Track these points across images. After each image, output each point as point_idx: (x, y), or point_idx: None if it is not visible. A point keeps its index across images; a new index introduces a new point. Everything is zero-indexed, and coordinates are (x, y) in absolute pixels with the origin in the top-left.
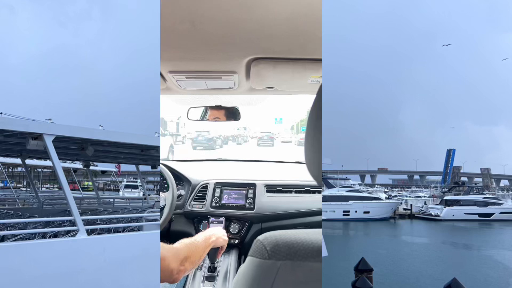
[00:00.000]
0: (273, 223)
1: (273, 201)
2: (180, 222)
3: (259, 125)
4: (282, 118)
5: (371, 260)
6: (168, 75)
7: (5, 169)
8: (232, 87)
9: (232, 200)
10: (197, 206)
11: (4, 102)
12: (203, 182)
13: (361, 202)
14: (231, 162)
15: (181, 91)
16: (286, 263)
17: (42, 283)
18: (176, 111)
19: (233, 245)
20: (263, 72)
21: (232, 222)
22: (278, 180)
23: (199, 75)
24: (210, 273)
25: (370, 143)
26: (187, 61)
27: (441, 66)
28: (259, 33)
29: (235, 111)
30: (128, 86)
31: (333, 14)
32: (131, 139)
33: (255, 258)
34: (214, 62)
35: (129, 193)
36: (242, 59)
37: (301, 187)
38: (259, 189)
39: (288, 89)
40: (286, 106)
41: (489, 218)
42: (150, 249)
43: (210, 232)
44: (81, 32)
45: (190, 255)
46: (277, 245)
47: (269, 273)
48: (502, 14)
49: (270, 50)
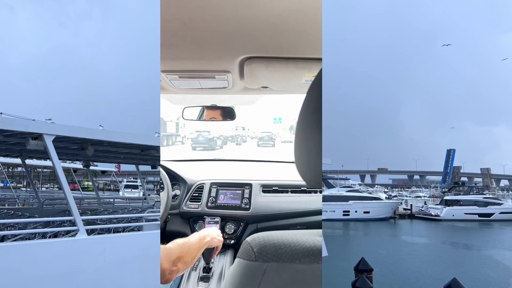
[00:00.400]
0: (269, 223)
1: (269, 201)
2: (175, 222)
3: (257, 125)
4: (281, 117)
5: (371, 260)
6: (161, 74)
7: (5, 169)
8: (226, 86)
9: (228, 200)
10: (193, 206)
11: (4, 102)
12: (199, 182)
13: (361, 202)
14: (228, 162)
15: (175, 90)
16: (272, 265)
17: (42, 283)
18: (171, 111)
19: (228, 245)
20: (257, 71)
21: (227, 222)
22: (274, 180)
23: (193, 74)
24: (205, 274)
25: (370, 143)
26: (180, 60)
27: (441, 66)
28: (252, 32)
29: (231, 111)
30: (128, 86)
31: (333, 14)
32: (131, 139)
33: (243, 260)
34: (207, 61)
35: (129, 193)
36: (235, 58)
37: (297, 187)
38: (255, 189)
39: (282, 88)
40: (283, 105)
41: (489, 218)
42: (150, 249)
43: (204, 232)
44: (81, 32)
45: (183, 255)
46: (264, 247)
47: (255, 275)
48: (502, 14)
49: (263, 49)
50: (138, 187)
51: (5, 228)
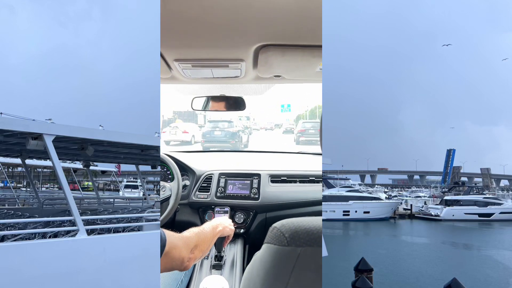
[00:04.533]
0: (278, 212)
1: (277, 191)
2: (185, 213)
3: (264, 114)
4: (290, 104)
5: (371, 260)
6: (173, 63)
7: (5, 169)
8: (239, 75)
9: (237, 190)
10: (202, 196)
11: (4, 102)
12: (207, 173)
13: (361, 202)
14: (234, 153)
15: (186, 80)
16: (306, 249)
17: (42, 283)
18: (180, 101)
19: (238, 234)
20: (271, 60)
21: (237, 212)
22: (282, 170)
23: (206, 63)
24: (217, 262)
25: (370, 143)
26: (194, 48)
27: (441, 66)
28: (268, 19)
29: (240, 101)
30: (128, 86)
31: (333, 14)
32: (131, 139)
33: (273, 245)
34: (221, 50)
35: (129, 193)
36: (250, 46)
37: (305, 177)
38: (263, 179)
39: (295, 77)
40: (292, 93)
41: (489, 218)
42: (150, 249)
43: (217, 222)
44: (81, 32)
45: (200, 243)
46: (296, 232)
47: (289, 259)
48: (502, 14)
49: (279, 37)
50: (138, 187)
51: (5, 228)
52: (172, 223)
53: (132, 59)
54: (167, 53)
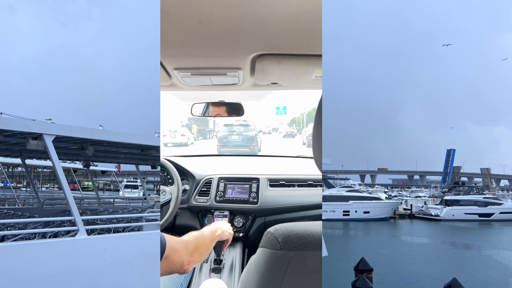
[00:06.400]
0: (276, 216)
1: (276, 195)
2: (184, 217)
3: (259, 118)
4: (286, 107)
5: (371, 260)
6: (173, 72)
7: (5, 169)
8: (237, 83)
9: (236, 194)
10: (202, 200)
11: (4, 102)
12: (207, 177)
13: (361, 202)
14: (233, 157)
15: (185, 87)
16: (298, 253)
17: (42, 283)
18: (179, 107)
19: (237, 238)
20: (268, 68)
21: (236, 216)
22: (281, 174)
23: (205, 71)
24: (216, 266)
25: (370, 143)
26: (193, 58)
27: (441, 66)
28: (265, 29)
29: (239, 107)
30: (128, 86)
31: (333, 13)
32: (131, 139)
33: (267, 249)
34: (220, 59)
35: (129, 193)
36: (248, 55)
37: (304, 181)
38: (262, 183)
39: (291, 84)
40: (288, 98)
41: (489, 218)
42: (150, 249)
43: (216, 226)
44: (81, 32)
45: (199, 247)
46: (288, 237)
47: (281, 263)
48: (502, 14)
49: (275, 46)
50: (138, 187)
51: (5, 228)
52: (172, 227)
53: (132, 59)
54: (167, 62)
